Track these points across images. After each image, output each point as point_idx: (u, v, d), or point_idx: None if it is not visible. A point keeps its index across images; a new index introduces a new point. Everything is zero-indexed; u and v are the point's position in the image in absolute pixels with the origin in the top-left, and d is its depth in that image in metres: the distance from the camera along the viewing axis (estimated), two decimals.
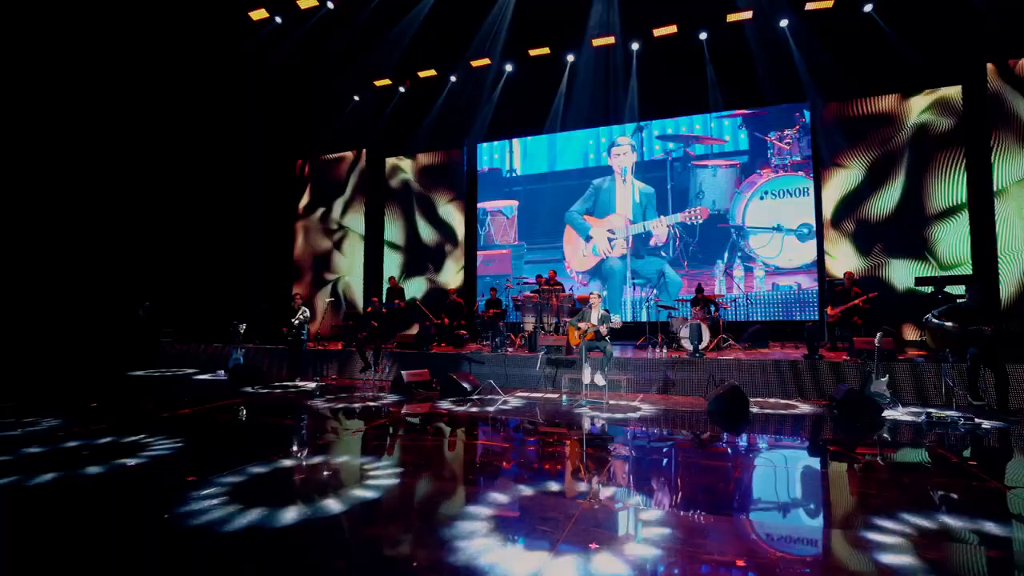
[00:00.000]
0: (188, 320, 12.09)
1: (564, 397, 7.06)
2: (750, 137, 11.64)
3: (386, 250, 13.90)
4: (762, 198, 11.44)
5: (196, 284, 12.72)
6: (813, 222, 10.98)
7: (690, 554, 2.50)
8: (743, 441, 4.93)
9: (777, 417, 5.72)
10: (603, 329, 6.78)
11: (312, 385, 8.26)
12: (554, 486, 3.53)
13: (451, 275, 13.49)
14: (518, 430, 5.34)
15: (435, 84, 12.00)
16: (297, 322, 8.84)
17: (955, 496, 3.32)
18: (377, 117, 12.87)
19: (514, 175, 13.56)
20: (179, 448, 4.49)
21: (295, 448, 4.63)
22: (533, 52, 10.75)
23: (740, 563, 2.42)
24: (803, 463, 4.30)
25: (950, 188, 9.87)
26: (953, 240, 9.73)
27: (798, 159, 11.23)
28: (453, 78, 11.87)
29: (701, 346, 8.46)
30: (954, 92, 9.83)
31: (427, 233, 13.74)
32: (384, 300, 10.63)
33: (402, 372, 7.63)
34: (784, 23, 9.77)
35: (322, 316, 12.94)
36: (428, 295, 13.38)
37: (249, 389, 7.82)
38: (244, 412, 6.28)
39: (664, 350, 8.02)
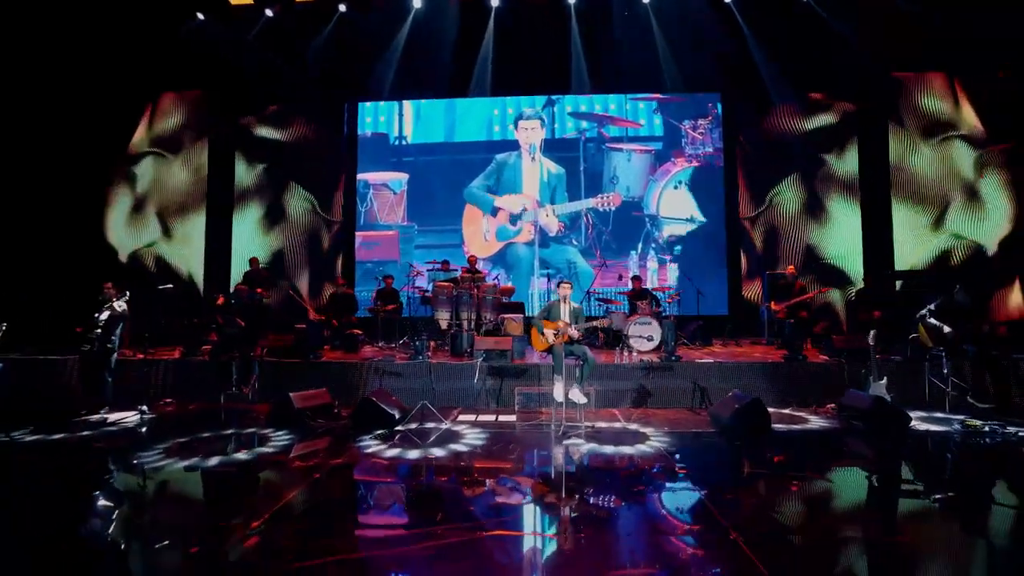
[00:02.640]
0: None
1: (515, 420, 5.37)
2: (665, 123, 11.04)
3: (236, 223, 10.61)
4: (676, 187, 10.92)
5: None
6: (724, 215, 10.75)
7: None
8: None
9: (803, 435, 4.75)
10: (574, 331, 5.23)
11: (134, 418, 5.35)
12: None
13: (318, 259, 10.84)
14: (542, 504, 3.44)
15: (318, 12, 9.19)
16: (103, 318, 5.75)
17: None
18: (233, 50, 9.54)
19: (404, 143, 11.34)
20: None
21: None
22: None
23: None
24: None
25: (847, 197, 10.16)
26: (846, 248, 10.00)
27: (710, 150, 10.91)
28: (343, 7, 9.17)
29: (652, 346, 7.42)
30: (852, 105, 10.11)
31: (295, 206, 10.83)
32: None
33: (290, 395, 5.21)
34: None
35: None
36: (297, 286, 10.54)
37: (6, 436, 4.67)
38: None
39: (632, 353, 6.78)
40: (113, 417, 5.44)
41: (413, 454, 4.18)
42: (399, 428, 5.00)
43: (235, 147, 10.66)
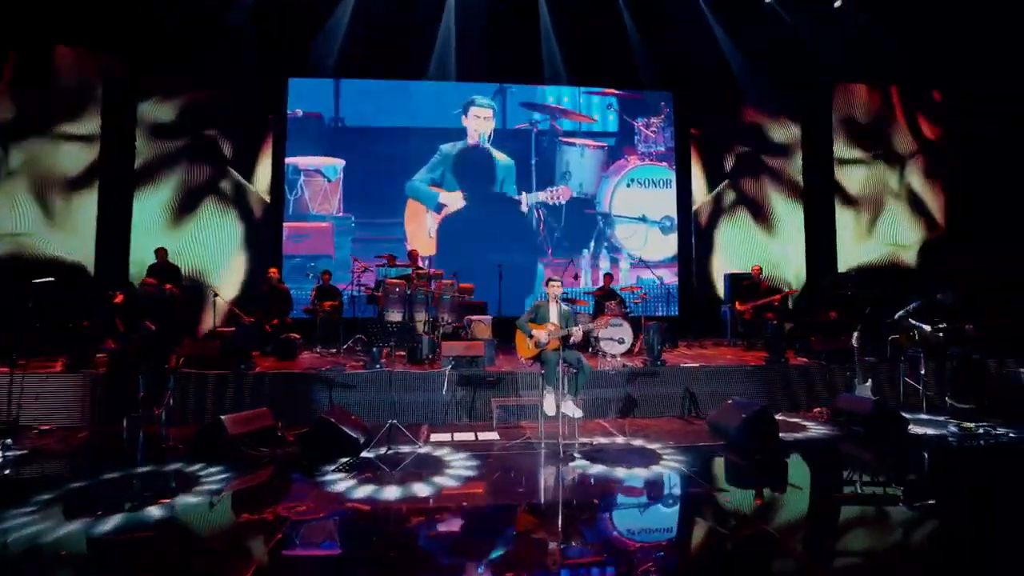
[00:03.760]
0: None
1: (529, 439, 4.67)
2: (619, 119, 10.78)
3: (137, 207, 8.92)
4: (629, 185, 10.70)
5: None
6: (675, 215, 10.67)
7: None
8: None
9: (813, 444, 4.48)
10: (578, 332, 4.65)
11: None
12: None
13: (242, 253, 9.49)
14: None
15: None
16: None
17: None
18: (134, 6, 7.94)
19: (341, 125, 10.21)
20: None
21: None
22: None
23: None
24: None
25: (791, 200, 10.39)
26: (789, 250, 10.21)
27: (662, 149, 10.79)
28: None
29: (623, 349, 7.00)
30: (799, 112, 10.34)
31: (211, 189, 9.34)
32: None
33: (221, 417, 4.16)
34: None
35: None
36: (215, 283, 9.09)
37: None
38: None
39: (603, 357, 6.28)
40: None
41: (394, 492, 3.34)
42: (366, 455, 4.12)
43: (137, 118, 9.01)
